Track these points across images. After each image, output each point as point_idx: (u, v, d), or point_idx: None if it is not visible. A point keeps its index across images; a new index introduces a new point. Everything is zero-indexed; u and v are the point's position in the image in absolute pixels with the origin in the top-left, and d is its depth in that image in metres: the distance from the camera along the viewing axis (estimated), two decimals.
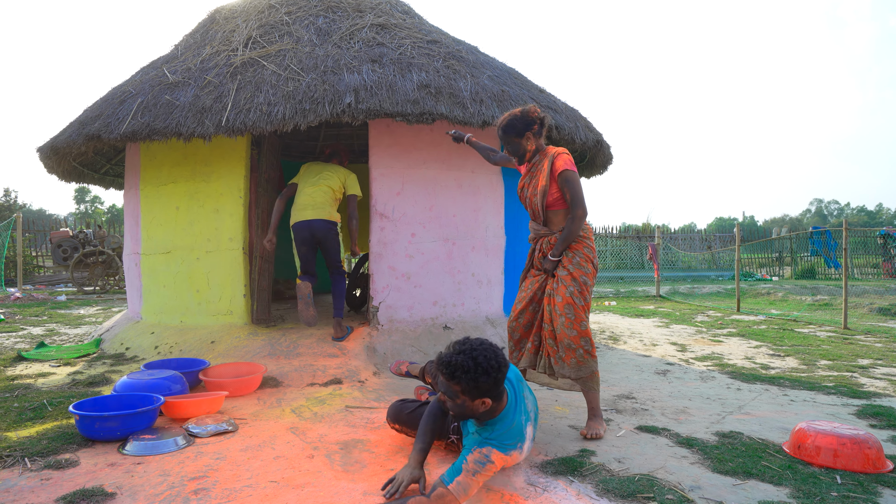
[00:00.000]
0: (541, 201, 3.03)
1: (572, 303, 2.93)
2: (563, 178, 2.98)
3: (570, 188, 2.98)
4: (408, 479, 2.18)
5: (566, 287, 2.95)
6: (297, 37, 5.04)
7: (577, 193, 2.98)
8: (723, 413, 3.35)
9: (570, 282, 2.95)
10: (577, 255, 3.00)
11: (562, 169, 2.99)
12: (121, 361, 4.63)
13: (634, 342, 6.09)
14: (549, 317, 3.00)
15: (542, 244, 3.13)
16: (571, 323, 2.91)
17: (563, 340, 2.93)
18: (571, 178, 2.98)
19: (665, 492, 2.20)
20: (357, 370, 4.15)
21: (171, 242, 5.22)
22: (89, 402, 2.96)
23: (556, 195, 3.02)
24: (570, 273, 2.97)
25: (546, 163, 3.04)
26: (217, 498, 2.16)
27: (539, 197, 3.03)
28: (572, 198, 2.98)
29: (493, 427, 2.22)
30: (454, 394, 2.13)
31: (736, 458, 2.55)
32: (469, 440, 2.26)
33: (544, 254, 3.09)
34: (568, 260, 3.00)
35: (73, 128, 5.06)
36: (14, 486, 2.22)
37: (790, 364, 4.92)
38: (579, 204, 2.97)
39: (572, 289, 2.94)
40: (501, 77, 5.24)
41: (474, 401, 2.13)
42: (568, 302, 2.93)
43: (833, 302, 10.22)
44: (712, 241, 21.70)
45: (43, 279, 14.16)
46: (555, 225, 3.08)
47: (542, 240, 3.12)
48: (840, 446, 2.46)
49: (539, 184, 3.03)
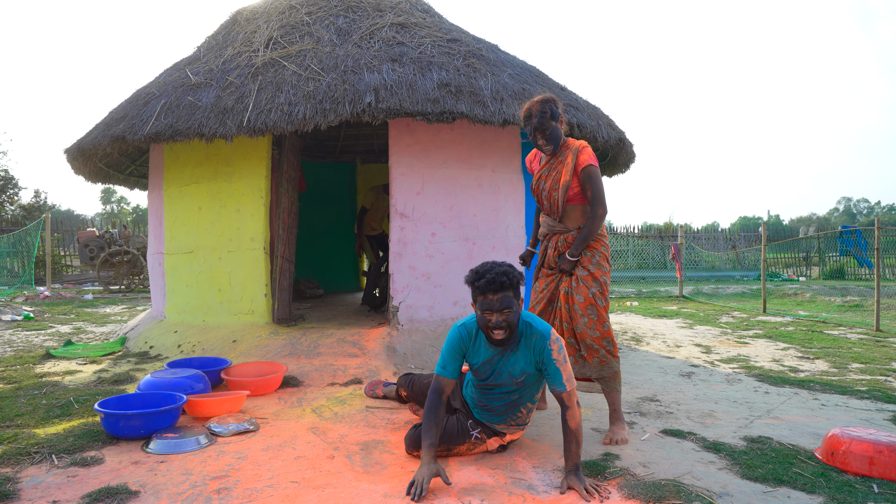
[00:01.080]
0: (562, 196, 2.95)
1: (594, 303, 2.88)
2: (585, 174, 2.90)
3: (592, 185, 2.90)
4: (428, 476, 2.20)
5: (588, 287, 2.90)
6: (317, 37, 5.05)
7: (599, 191, 2.90)
8: (751, 417, 3.26)
9: (591, 282, 2.90)
10: (597, 255, 2.94)
11: (586, 164, 2.90)
12: (145, 360, 4.69)
13: (657, 343, 5.99)
14: (569, 316, 2.95)
15: (556, 241, 3.04)
16: (594, 323, 2.88)
17: (584, 340, 2.89)
18: (594, 175, 2.90)
19: (693, 498, 2.14)
20: (377, 370, 4.14)
21: (193, 242, 5.27)
22: (114, 401, 2.99)
23: (576, 190, 2.94)
24: (590, 273, 2.92)
25: (570, 156, 2.94)
26: (239, 498, 2.16)
27: (561, 192, 2.94)
28: (594, 195, 2.90)
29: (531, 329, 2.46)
30: (510, 302, 2.36)
31: (766, 465, 2.48)
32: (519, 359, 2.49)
33: (560, 252, 3.01)
34: (587, 259, 2.93)
35: (98, 129, 5.14)
36: (42, 483, 2.25)
37: (820, 367, 4.78)
38: (600, 202, 2.90)
39: (594, 289, 2.89)
40: (522, 75, 5.19)
41: (516, 303, 2.39)
42: (590, 302, 2.88)
43: (864, 303, 9.95)
44: (737, 240, 21.31)
45: (70, 278, 14.47)
46: (571, 221, 3.00)
47: (558, 237, 3.03)
48: (876, 454, 2.38)
49: (562, 178, 2.93)
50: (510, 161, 5.24)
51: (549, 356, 2.40)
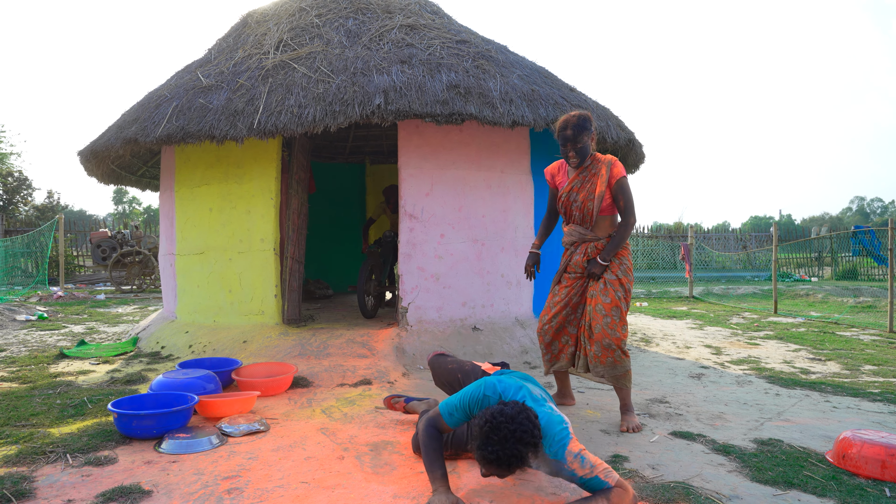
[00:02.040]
0: (597, 207, 3.13)
1: (620, 306, 3.07)
2: (619, 185, 3.09)
3: (624, 196, 3.09)
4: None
5: (615, 291, 3.08)
6: (327, 39, 5.08)
7: (631, 201, 3.12)
8: (761, 419, 3.25)
9: (619, 286, 3.10)
10: (625, 262, 3.15)
11: (620, 176, 3.10)
12: (156, 360, 4.74)
13: (667, 344, 5.97)
14: (590, 317, 3.11)
15: (587, 248, 3.20)
16: (615, 325, 3.05)
17: (602, 340, 3.05)
18: (626, 186, 3.11)
19: (702, 501, 2.14)
20: (386, 371, 4.16)
21: (204, 243, 5.32)
22: (127, 401, 3.03)
23: (608, 201, 3.14)
24: (619, 278, 3.10)
25: (604, 168, 3.14)
26: (250, 498, 2.18)
27: (596, 202, 3.11)
28: (626, 205, 3.09)
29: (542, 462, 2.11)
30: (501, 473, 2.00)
31: (776, 467, 2.47)
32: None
33: (589, 258, 3.17)
34: (616, 266, 3.12)
35: (111, 132, 5.20)
36: (57, 482, 2.29)
37: (832, 369, 4.75)
38: (632, 212, 3.12)
39: (620, 293, 3.09)
40: (531, 76, 5.18)
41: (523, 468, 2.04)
42: (616, 305, 3.07)
43: (877, 304, 9.84)
44: (747, 240, 21.14)
45: (83, 278, 14.63)
46: (601, 230, 3.19)
47: (588, 244, 3.20)
48: (889, 457, 2.36)
49: (597, 189, 3.11)
50: (519, 162, 5.24)
51: (574, 475, 2.03)
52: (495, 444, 1.92)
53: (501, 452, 1.92)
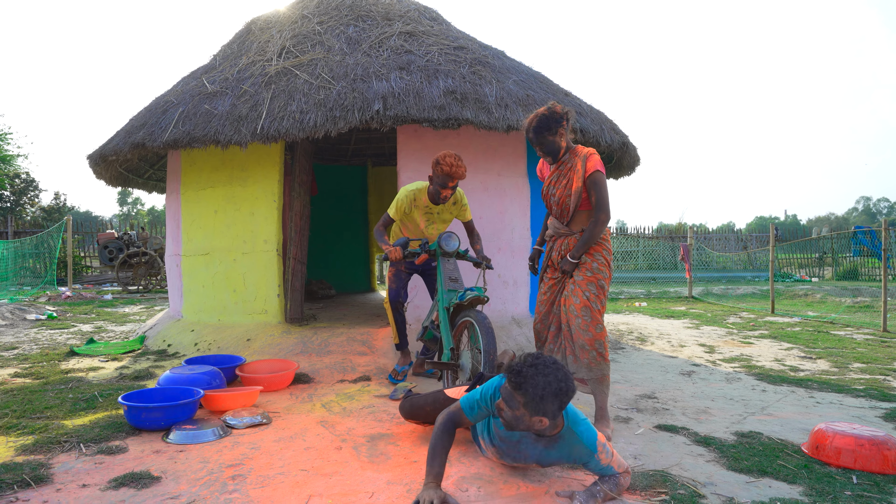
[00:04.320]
0: (574, 202, 3.04)
1: (589, 306, 2.97)
2: (591, 180, 3.00)
3: (596, 191, 2.99)
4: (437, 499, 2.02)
5: (583, 291, 2.99)
6: (328, 46, 5.23)
7: (603, 197, 2.99)
8: (744, 414, 3.37)
9: (587, 286, 2.99)
10: (597, 259, 3.03)
11: (592, 171, 3.00)
12: (163, 357, 4.90)
13: (662, 343, 6.09)
14: (566, 318, 3.05)
15: (560, 245, 3.15)
16: (588, 325, 2.95)
17: (577, 341, 2.98)
18: (599, 181, 2.99)
19: (678, 487, 2.27)
20: (385, 367, 4.30)
21: (209, 244, 5.47)
22: (136, 394, 3.18)
23: (584, 195, 3.04)
24: (588, 277, 3.00)
25: (579, 163, 3.04)
26: (252, 484, 2.32)
27: (573, 197, 3.03)
28: (598, 201, 2.99)
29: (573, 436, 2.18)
30: (515, 404, 2.07)
31: (752, 457, 2.59)
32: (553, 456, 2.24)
33: (562, 255, 3.12)
34: (588, 262, 3.03)
35: (119, 137, 5.36)
36: (72, 468, 2.44)
37: (821, 366, 4.86)
38: (603, 208, 2.99)
39: (589, 292, 2.98)
40: (527, 81, 5.32)
41: (532, 417, 2.08)
42: (585, 304, 2.97)
43: (875, 304, 9.92)
44: (748, 241, 21.20)
45: (90, 279, 14.84)
46: (576, 225, 3.10)
47: (563, 240, 3.14)
48: (858, 447, 2.48)
49: (574, 184, 3.03)
50: (515, 165, 5.38)
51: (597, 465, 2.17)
52: (529, 364, 2.04)
53: (527, 370, 2.02)
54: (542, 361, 2.07)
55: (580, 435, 2.16)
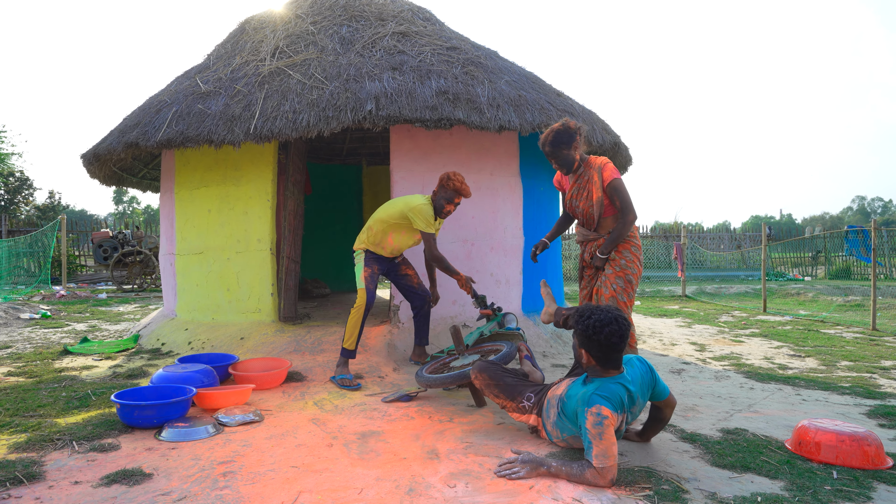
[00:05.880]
0: (597, 211, 3.34)
1: (616, 297, 3.27)
2: (612, 188, 3.30)
3: (619, 196, 3.29)
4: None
5: (612, 284, 3.30)
6: (321, 46, 5.25)
7: (627, 200, 3.30)
8: (731, 411, 3.42)
9: (615, 279, 3.30)
10: (625, 255, 3.34)
11: (611, 179, 3.30)
12: (157, 356, 4.92)
13: (654, 342, 6.14)
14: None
15: (591, 247, 3.46)
16: None
17: None
18: (620, 187, 3.29)
19: (662, 482, 2.31)
20: (378, 366, 4.34)
21: (203, 243, 5.49)
22: (129, 393, 3.21)
23: (606, 203, 3.35)
24: (616, 272, 3.31)
25: (595, 174, 3.33)
26: (243, 480, 2.35)
27: (596, 207, 3.35)
28: (622, 204, 3.31)
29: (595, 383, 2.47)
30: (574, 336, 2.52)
31: (736, 454, 2.63)
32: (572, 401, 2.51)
33: (592, 254, 3.43)
34: (616, 259, 3.33)
35: (113, 136, 5.37)
36: (65, 466, 2.46)
37: (809, 365, 4.91)
38: (629, 210, 3.30)
39: (617, 285, 3.29)
40: (519, 82, 5.35)
41: (580, 347, 2.48)
42: (612, 296, 3.29)
43: (865, 303, 10.00)
44: (742, 240, 21.30)
45: (85, 278, 14.82)
46: (604, 229, 3.43)
47: (592, 243, 3.46)
48: (839, 443, 2.53)
49: (594, 195, 3.34)
50: (508, 165, 5.41)
51: (583, 424, 2.35)
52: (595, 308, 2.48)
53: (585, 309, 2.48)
54: (599, 308, 2.49)
55: (589, 387, 2.45)
